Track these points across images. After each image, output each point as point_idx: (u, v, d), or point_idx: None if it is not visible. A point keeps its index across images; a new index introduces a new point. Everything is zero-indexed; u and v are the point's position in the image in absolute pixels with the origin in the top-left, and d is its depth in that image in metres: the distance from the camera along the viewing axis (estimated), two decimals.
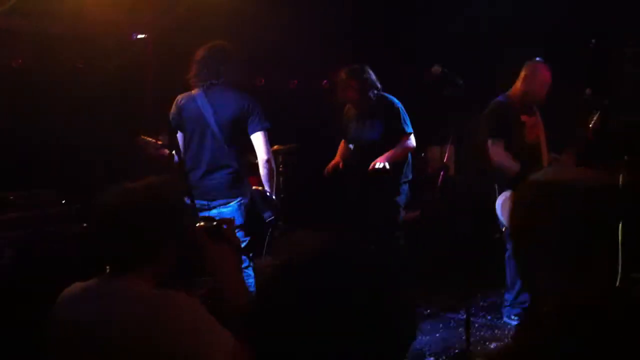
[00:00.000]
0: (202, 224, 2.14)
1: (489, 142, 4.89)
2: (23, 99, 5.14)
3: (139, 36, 3.71)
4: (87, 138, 5.19)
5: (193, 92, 4.21)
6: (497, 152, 4.85)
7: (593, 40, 5.35)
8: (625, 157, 4.75)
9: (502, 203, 4.85)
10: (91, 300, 1.98)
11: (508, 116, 4.90)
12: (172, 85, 4.31)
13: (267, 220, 4.27)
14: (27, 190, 4.32)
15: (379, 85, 5.18)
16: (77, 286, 2.06)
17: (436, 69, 4.63)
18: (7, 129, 4.92)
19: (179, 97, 4.24)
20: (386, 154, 5.04)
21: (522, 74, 4.96)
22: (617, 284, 4.70)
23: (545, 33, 5.92)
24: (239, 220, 4.11)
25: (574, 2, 5.93)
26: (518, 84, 4.97)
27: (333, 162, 5.41)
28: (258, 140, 4.16)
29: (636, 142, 5.06)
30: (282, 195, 4.63)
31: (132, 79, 4.96)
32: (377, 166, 4.94)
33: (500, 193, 4.88)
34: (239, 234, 4.00)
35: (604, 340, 1.29)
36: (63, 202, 4.36)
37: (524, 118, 4.92)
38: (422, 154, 6.30)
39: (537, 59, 5.01)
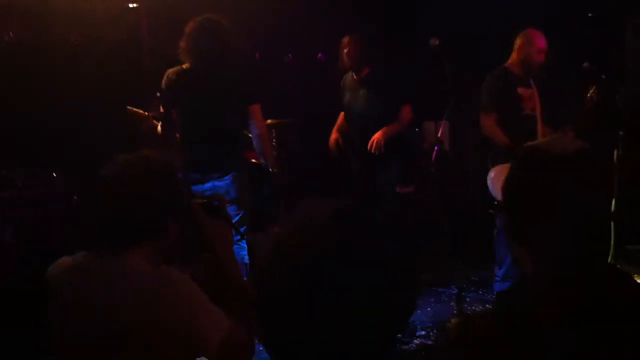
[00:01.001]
0: (197, 200, 2.14)
1: (482, 114, 4.89)
2: (16, 74, 5.09)
3: (131, 5, 3.64)
4: (82, 114, 5.16)
5: (184, 66, 4.13)
6: (489, 125, 4.85)
7: (590, 14, 5.32)
8: (621, 133, 4.77)
9: (493, 177, 4.84)
10: (85, 278, 1.95)
11: (504, 88, 4.88)
12: (169, 58, 4.24)
13: (266, 193, 4.27)
14: (27, 169, 4.30)
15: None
16: (65, 262, 2.02)
17: (434, 40, 4.61)
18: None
19: (170, 71, 4.16)
20: (385, 130, 5.01)
21: (517, 42, 4.94)
22: (611, 256, 4.75)
23: (544, 5, 5.88)
24: (232, 194, 4.10)
25: None
26: (514, 54, 4.95)
27: (332, 137, 5.38)
28: (252, 112, 4.12)
29: (631, 118, 5.06)
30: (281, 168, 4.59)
31: (127, 51, 4.91)
32: (373, 146, 4.95)
33: (493, 167, 4.88)
34: (232, 208, 3.99)
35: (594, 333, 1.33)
36: (60, 180, 4.34)
37: (520, 90, 4.90)
38: (417, 129, 6.29)
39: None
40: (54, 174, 4.38)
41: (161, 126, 4.21)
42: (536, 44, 4.87)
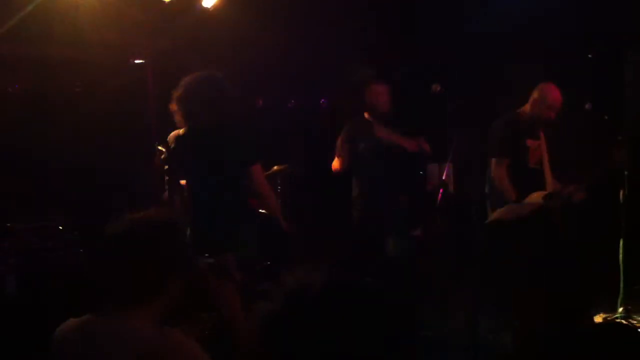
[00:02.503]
0: (204, 261, 2.14)
1: (493, 160, 4.83)
2: (21, 124, 5.13)
3: (137, 61, 3.65)
4: (86, 162, 5.19)
5: (181, 131, 4.00)
6: (500, 173, 4.77)
7: (590, 56, 5.35)
8: (625, 173, 4.76)
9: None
10: (87, 339, 1.94)
11: (514, 136, 4.84)
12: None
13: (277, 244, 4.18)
14: (31, 218, 4.30)
15: None
16: (72, 323, 2.01)
17: (436, 86, 4.63)
18: (6, 153, 4.90)
19: (170, 137, 4.03)
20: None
21: (533, 95, 4.87)
22: (621, 297, 4.70)
23: (545, 48, 5.92)
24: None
25: (574, 17, 5.94)
26: (527, 106, 4.90)
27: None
28: (253, 173, 3.91)
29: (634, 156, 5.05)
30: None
31: (131, 102, 4.95)
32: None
33: (492, 211, 4.86)
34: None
35: None
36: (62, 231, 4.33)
37: (528, 142, 4.86)
38: (421, 172, 6.29)
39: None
40: (59, 226, 4.37)
41: (167, 192, 4.13)
42: (549, 100, 4.80)
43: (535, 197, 4.69)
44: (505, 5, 5.81)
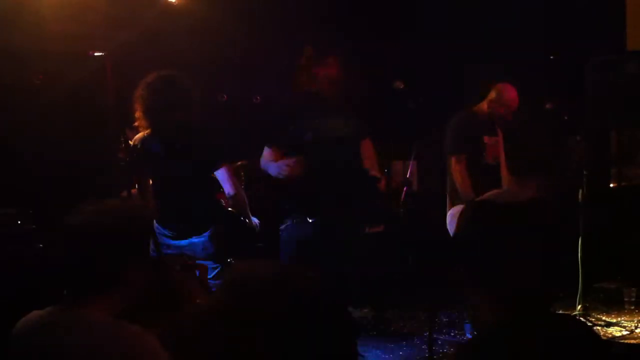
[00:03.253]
0: (170, 256, 2.13)
1: (453, 157, 4.87)
2: None
3: (97, 54, 3.60)
4: (43, 154, 5.11)
5: (145, 132, 3.93)
6: (460, 169, 4.80)
7: (551, 57, 5.43)
8: (585, 172, 4.83)
9: (451, 216, 4.87)
10: (46, 331, 1.91)
11: (470, 133, 4.89)
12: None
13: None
14: None
15: None
16: (34, 315, 1.98)
17: (398, 84, 4.64)
18: None
19: (134, 140, 3.96)
20: (372, 164, 4.35)
21: (490, 94, 4.92)
22: (579, 295, 4.78)
23: (507, 47, 5.99)
24: (210, 250, 3.97)
25: (535, 16, 6.03)
26: (484, 104, 4.95)
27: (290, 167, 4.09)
28: (221, 175, 3.90)
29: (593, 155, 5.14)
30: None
31: (90, 95, 4.89)
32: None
33: (451, 206, 4.90)
34: (209, 262, 3.88)
35: None
36: (19, 222, 4.27)
37: (485, 139, 4.91)
38: (385, 169, 6.32)
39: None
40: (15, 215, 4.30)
41: (137, 191, 4.09)
42: (505, 99, 4.85)
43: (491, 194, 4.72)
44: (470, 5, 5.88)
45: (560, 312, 5.06)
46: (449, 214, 4.92)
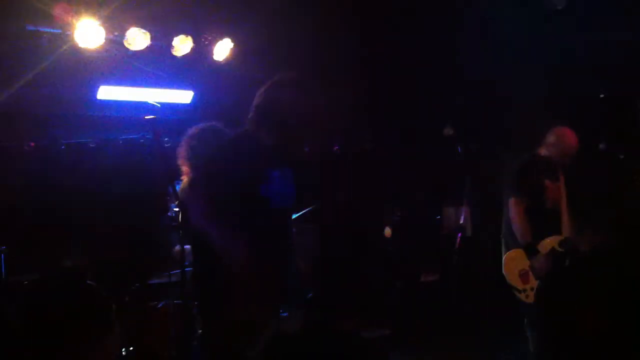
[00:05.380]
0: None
1: (512, 200, 4.75)
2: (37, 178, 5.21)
3: (147, 117, 3.71)
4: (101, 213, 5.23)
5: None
6: (519, 212, 4.67)
7: (602, 95, 5.35)
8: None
9: (506, 265, 4.77)
10: None
11: (531, 176, 4.80)
12: None
13: None
14: None
15: None
16: None
17: (448, 130, 4.63)
18: None
19: (182, 185, 4.12)
20: None
21: (548, 139, 4.81)
22: None
23: (557, 87, 5.93)
24: None
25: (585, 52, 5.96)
26: (542, 149, 4.84)
27: None
28: None
29: None
30: None
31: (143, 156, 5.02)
32: None
33: (507, 250, 4.80)
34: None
35: None
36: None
37: (547, 183, 4.81)
38: (437, 216, 6.26)
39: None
40: None
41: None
42: (564, 146, 4.76)
43: (549, 242, 4.62)
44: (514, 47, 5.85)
45: None
46: (505, 257, 4.81)
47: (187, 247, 3.62)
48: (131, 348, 3.64)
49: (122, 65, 5.26)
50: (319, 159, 6.49)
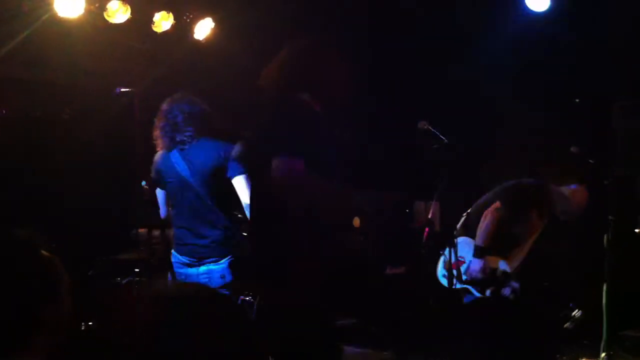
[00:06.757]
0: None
1: (498, 204, 4.79)
2: (8, 148, 5.13)
3: (123, 90, 3.69)
4: (71, 186, 5.18)
5: (165, 150, 4.08)
6: (497, 218, 4.75)
7: (577, 100, 5.39)
8: (610, 218, 4.76)
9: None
10: None
11: (528, 202, 4.83)
12: None
13: None
14: None
15: None
16: None
17: (422, 124, 4.64)
18: None
19: (156, 157, 4.12)
20: None
21: (565, 191, 4.85)
22: (604, 342, 4.67)
23: (531, 88, 5.97)
24: (228, 278, 3.98)
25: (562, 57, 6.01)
26: (554, 191, 4.86)
27: None
28: (239, 184, 3.91)
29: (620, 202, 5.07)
30: None
31: (118, 129, 4.98)
32: None
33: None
34: (227, 292, 3.88)
35: None
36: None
37: (533, 214, 4.83)
38: (407, 210, 6.29)
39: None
40: None
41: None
42: (575, 207, 4.83)
43: (498, 260, 4.71)
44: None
45: None
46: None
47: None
48: (90, 323, 3.66)
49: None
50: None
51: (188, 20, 5.50)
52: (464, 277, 4.66)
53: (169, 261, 4.04)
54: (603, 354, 4.96)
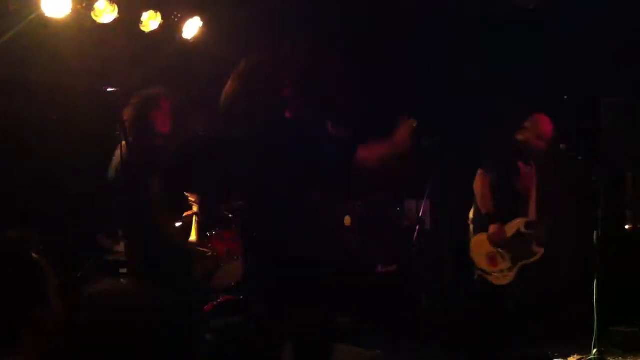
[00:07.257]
0: None
1: (480, 172, 4.86)
2: None
3: (110, 89, 3.66)
4: (56, 187, 5.14)
5: None
6: (483, 184, 4.81)
7: (565, 97, 5.41)
8: (599, 214, 4.78)
9: (472, 246, 4.88)
10: None
11: (503, 154, 4.93)
12: None
13: None
14: None
15: None
16: None
17: (412, 122, 4.63)
18: None
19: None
20: None
21: (525, 124, 4.96)
22: (595, 338, 4.68)
23: (523, 86, 5.99)
24: None
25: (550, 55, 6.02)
26: (519, 134, 4.97)
27: None
28: None
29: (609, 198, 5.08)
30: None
31: (104, 130, 4.94)
32: None
33: (475, 234, 4.89)
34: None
35: None
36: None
37: (520, 166, 4.90)
38: (398, 208, 6.28)
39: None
40: None
41: None
42: (539, 130, 4.91)
43: (517, 223, 4.76)
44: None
45: (576, 356, 4.97)
46: (472, 242, 4.90)
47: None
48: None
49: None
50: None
51: (176, 19, 5.46)
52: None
53: None
54: (594, 350, 4.98)
